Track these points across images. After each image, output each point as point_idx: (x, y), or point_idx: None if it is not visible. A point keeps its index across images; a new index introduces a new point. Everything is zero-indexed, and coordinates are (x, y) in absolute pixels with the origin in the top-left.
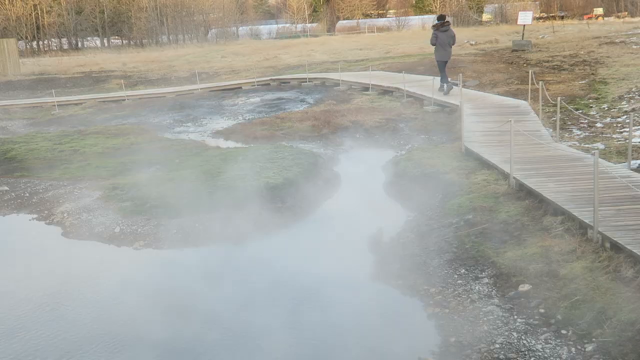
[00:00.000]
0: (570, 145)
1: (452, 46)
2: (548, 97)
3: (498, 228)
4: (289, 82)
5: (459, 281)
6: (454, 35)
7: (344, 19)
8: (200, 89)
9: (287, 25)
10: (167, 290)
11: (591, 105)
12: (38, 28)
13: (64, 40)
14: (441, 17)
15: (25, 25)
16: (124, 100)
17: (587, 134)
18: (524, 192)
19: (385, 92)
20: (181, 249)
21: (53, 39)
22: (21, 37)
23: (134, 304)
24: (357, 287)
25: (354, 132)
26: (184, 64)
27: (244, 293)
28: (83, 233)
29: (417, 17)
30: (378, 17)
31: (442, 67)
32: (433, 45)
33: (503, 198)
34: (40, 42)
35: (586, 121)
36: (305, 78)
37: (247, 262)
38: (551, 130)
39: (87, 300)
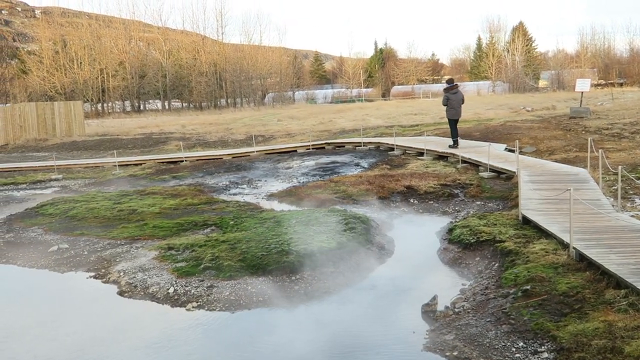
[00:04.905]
0: (632, 216)
1: (462, 106)
2: (608, 165)
3: (558, 300)
4: (344, 146)
5: (517, 355)
6: (463, 97)
7: (398, 84)
8: (257, 151)
9: (343, 89)
10: (218, 355)
11: None
12: (103, 91)
13: (127, 102)
14: (450, 81)
15: (92, 88)
16: (182, 161)
17: None
18: (585, 263)
19: (440, 157)
20: (233, 311)
21: (117, 102)
22: (87, 100)
23: None
24: (410, 357)
25: (408, 197)
26: (241, 127)
27: (295, 356)
28: (138, 293)
29: (472, 82)
30: (433, 83)
31: (453, 124)
32: (444, 105)
33: (562, 269)
34: (105, 105)
35: None
36: (360, 142)
37: (297, 326)
38: (612, 199)
39: None
